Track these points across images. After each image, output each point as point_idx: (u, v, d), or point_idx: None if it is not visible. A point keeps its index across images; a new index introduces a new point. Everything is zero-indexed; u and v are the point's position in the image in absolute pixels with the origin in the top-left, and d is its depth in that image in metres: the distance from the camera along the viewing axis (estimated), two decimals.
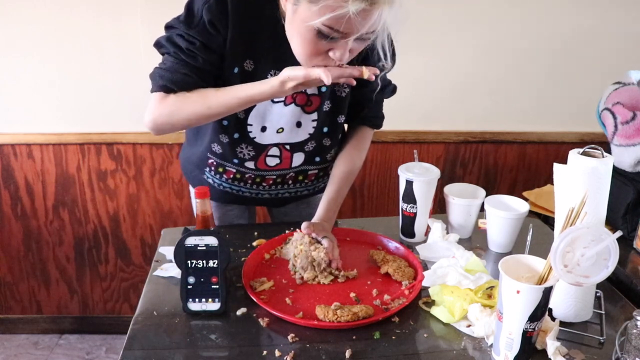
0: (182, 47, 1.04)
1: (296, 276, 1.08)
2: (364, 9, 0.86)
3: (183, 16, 1.05)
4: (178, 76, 1.04)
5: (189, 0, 1.05)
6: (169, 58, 1.06)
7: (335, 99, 1.19)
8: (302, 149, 1.23)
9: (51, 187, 2.00)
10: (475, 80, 1.93)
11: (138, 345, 0.89)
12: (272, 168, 1.25)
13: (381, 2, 0.87)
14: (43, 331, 2.24)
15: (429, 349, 0.90)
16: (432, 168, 1.24)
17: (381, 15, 0.89)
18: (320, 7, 0.86)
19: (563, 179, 0.91)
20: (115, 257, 2.13)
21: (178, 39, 1.05)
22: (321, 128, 1.21)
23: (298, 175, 1.30)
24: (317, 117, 1.19)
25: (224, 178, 1.29)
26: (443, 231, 1.20)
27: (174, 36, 1.05)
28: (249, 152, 1.21)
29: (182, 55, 1.04)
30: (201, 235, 0.95)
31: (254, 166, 1.24)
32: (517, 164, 2.06)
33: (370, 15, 0.88)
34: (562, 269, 0.78)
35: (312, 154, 1.26)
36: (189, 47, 1.03)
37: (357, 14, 0.85)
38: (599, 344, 0.91)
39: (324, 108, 1.19)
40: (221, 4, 1.00)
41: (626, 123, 1.29)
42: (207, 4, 1.00)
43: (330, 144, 1.27)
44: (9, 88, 1.86)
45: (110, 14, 1.77)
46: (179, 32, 1.04)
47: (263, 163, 1.23)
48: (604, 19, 1.86)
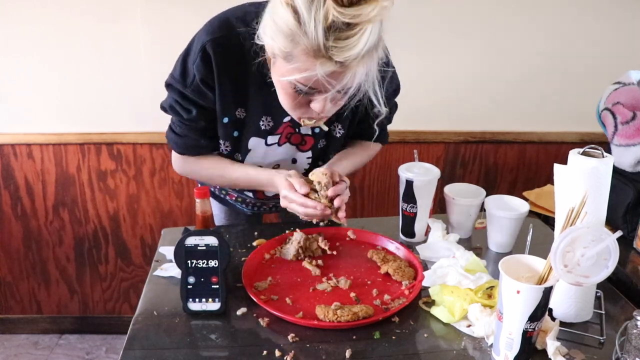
0: (183, 116, 1.10)
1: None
2: (334, 71, 0.86)
3: (178, 73, 1.08)
4: (189, 141, 1.15)
5: (183, 56, 1.08)
6: (177, 122, 1.14)
7: (330, 138, 1.22)
8: None
9: (51, 187, 2.00)
10: (476, 80, 1.93)
11: (138, 345, 0.89)
12: (271, 198, 1.31)
13: (353, 65, 0.86)
14: (43, 331, 2.24)
15: (429, 349, 0.90)
16: (432, 168, 1.24)
17: (355, 75, 0.88)
18: (292, 67, 0.88)
19: (563, 179, 0.91)
20: (115, 257, 2.13)
21: (177, 106, 1.10)
22: (316, 162, 1.26)
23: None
24: (312, 154, 1.23)
25: (227, 198, 1.36)
26: (443, 231, 1.20)
27: (174, 103, 1.10)
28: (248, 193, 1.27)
29: (186, 122, 1.11)
30: (201, 235, 0.95)
31: (252, 195, 1.29)
32: (517, 164, 2.06)
33: (342, 75, 0.88)
34: (562, 269, 0.78)
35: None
36: (189, 116, 1.10)
37: (327, 74, 0.86)
38: (599, 344, 0.91)
39: (318, 146, 1.22)
40: (206, 61, 1.03)
41: (626, 123, 1.29)
42: (195, 64, 1.04)
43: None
44: (9, 88, 1.86)
45: (110, 14, 1.77)
46: (176, 96, 1.09)
47: (262, 194, 1.29)
48: (604, 19, 1.86)
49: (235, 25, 1.02)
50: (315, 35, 0.82)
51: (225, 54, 1.03)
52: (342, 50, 0.83)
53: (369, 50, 0.85)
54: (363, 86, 0.94)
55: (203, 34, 1.04)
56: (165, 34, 1.80)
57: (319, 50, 0.83)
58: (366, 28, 0.83)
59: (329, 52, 0.83)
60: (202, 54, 1.02)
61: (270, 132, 1.15)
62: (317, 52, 0.83)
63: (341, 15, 0.80)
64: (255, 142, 1.16)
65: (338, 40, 0.82)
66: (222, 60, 1.03)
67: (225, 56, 1.03)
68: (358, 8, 0.81)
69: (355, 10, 0.81)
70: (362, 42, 0.83)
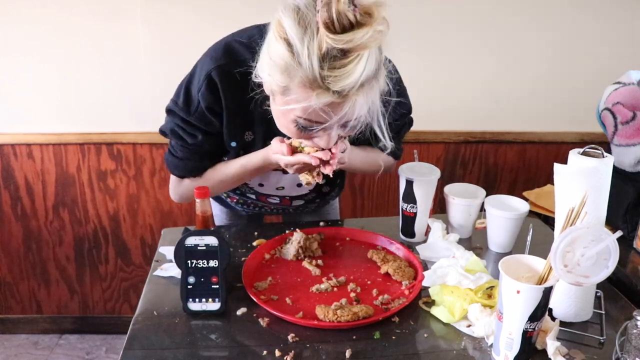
0: (187, 141, 1.09)
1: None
2: (333, 101, 0.84)
3: (182, 101, 1.06)
4: (191, 164, 1.13)
5: (186, 83, 1.07)
6: (178, 147, 1.11)
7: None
8: (302, 197, 1.29)
9: (51, 187, 2.00)
10: (476, 80, 1.93)
11: (138, 345, 0.89)
12: (273, 204, 1.31)
13: (351, 94, 0.83)
14: (43, 331, 2.24)
15: (429, 349, 0.90)
16: (432, 168, 1.24)
17: (355, 105, 0.86)
18: (290, 99, 0.86)
19: (563, 179, 0.91)
20: (115, 257, 2.13)
21: (181, 131, 1.08)
22: (321, 185, 1.26)
23: (298, 207, 1.36)
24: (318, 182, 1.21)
25: (228, 200, 1.36)
26: (443, 231, 1.20)
27: (176, 128, 1.09)
28: (250, 195, 1.27)
29: (189, 146, 1.10)
30: (201, 235, 0.95)
31: (255, 197, 1.29)
32: (517, 164, 2.06)
33: (341, 106, 0.85)
34: (562, 269, 0.78)
35: (312, 199, 1.32)
36: (194, 140, 1.08)
37: (326, 105, 0.84)
38: (599, 344, 0.91)
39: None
40: (212, 88, 1.02)
41: (626, 123, 1.29)
42: (200, 91, 1.02)
43: (330, 189, 1.31)
44: (9, 88, 1.86)
45: (110, 14, 1.77)
46: (179, 122, 1.07)
47: (265, 199, 1.30)
48: (604, 20, 1.86)
49: (239, 52, 1.02)
50: (310, 65, 0.80)
51: (231, 80, 1.01)
52: (338, 79, 0.81)
53: (367, 79, 0.83)
54: (366, 118, 0.91)
55: (207, 61, 1.03)
56: (165, 34, 1.80)
57: (315, 81, 0.81)
58: (362, 54, 0.80)
59: (325, 81, 0.81)
60: (208, 82, 1.01)
61: None
62: (313, 82, 0.82)
63: (334, 42, 0.79)
64: None
65: (333, 69, 0.80)
66: (228, 87, 1.02)
67: (231, 83, 1.02)
68: (351, 33, 0.79)
69: (349, 36, 0.79)
70: (359, 70, 0.81)
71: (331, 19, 0.78)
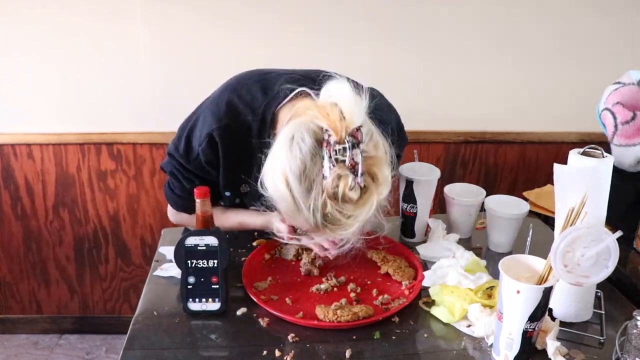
0: (184, 184, 1.12)
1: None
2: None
3: (182, 149, 1.09)
4: (187, 203, 1.15)
5: (187, 131, 1.09)
6: (176, 186, 1.15)
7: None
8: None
9: (51, 187, 2.00)
10: (476, 80, 1.92)
11: (138, 345, 0.89)
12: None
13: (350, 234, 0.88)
14: (43, 331, 2.24)
15: (429, 349, 0.90)
16: (432, 168, 1.24)
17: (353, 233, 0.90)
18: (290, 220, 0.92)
19: (563, 179, 0.91)
20: (115, 257, 2.13)
21: (179, 174, 1.11)
22: None
23: None
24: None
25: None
26: (443, 231, 1.20)
27: (175, 171, 1.12)
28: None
29: (186, 189, 1.13)
30: (201, 235, 0.95)
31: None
32: (517, 164, 2.06)
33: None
34: (562, 269, 0.78)
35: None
36: (190, 185, 1.11)
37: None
38: (599, 344, 0.91)
39: None
40: (212, 146, 1.05)
41: (626, 123, 1.29)
42: (201, 147, 1.05)
43: None
44: (9, 88, 1.86)
45: (110, 14, 1.77)
46: (178, 167, 1.10)
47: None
48: (604, 19, 1.86)
49: (242, 113, 1.03)
50: (313, 219, 0.84)
51: (231, 141, 1.04)
52: (337, 230, 0.86)
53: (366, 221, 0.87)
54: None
55: (210, 118, 1.04)
56: (165, 34, 1.80)
57: (317, 228, 0.86)
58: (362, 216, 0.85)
59: (326, 230, 0.86)
60: (209, 140, 1.04)
61: None
62: (315, 228, 0.86)
63: (339, 213, 0.83)
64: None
65: (334, 225, 0.85)
66: (228, 147, 1.05)
67: (231, 143, 1.04)
68: (355, 207, 0.83)
69: (352, 209, 0.83)
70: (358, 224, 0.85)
71: (336, 196, 0.82)
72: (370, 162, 0.84)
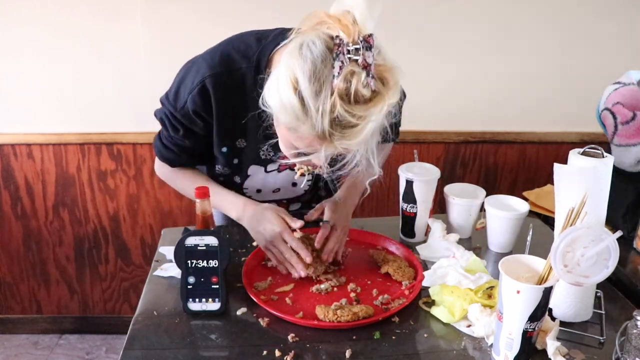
0: (170, 131, 1.10)
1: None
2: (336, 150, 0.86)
3: (172, 95, 1.07)
4: (170, 154, 1.15)
5: (179, 79, 1.07)
6: (165, 133, 1.14)
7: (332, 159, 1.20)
8: (298, 200, 1.29)
9: (51, 187, 2.00)
10: (476, 80, 1.92)
11: (138, 345, 0.89)
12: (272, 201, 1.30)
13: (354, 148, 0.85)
14: (43, 331, 2.24)
15: (429, 349, 0.90)
16: (432, 168, 1.24)
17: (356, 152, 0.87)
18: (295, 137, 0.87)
19: (563, 179, 0.91)
20: (115, 257, 2.13)
21: (166, 120, 1.10)
22: (317, 183, 1.26)
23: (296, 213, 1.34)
24: (312, 177, 1.23)
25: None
26: (443, 231, 1.20)
27: (164, 117, 1.10)
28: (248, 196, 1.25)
29: (172, 138, 1.12)
30: (201, 235, 0.95)
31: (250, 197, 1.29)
32: (517, 164, 2.06)
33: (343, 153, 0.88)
34: (562, 269, 0.78)
35: (309, 201, 1.31)
36: (175, 133, 1.10)
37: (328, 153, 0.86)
38: (599, 344, 0.91)
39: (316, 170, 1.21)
40: (204, 95, 1.02)
41: (626, 123, 1.29)
42: (190, 95, 1.03)
43: (326, 193, 1.31)
44: (9, 88, 1.86)
45: (110, 14, 1.77)
46: (167, 112, 1.09)
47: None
48: (604, 19, 1.86)
49: (236, 61, 1.01)
50: (320, 123, 0.80)
51: (225, 90, 1.02)
52: (345, 139, 0.82)
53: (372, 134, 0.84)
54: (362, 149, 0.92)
55: (204, 65, 1.02)
56: (165, 34, 1.80)
57: (322, 135, 0.82)
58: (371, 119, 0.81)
59: (332, 138, 0.82)
60: (201, 88, 1.01)
61: (270, 160, 1.15)
62: (321, 135, 0.82)
63: (348, 114, 0.79)
64: (255, 169, 1.17)
65: (342, 130, 0.81)
66: (222, 96, 1.03)
67: (224, 92, 1.02)
68: (366, 108, 0.79)
69: (363, 110, 0.79)
70: (367, 131, 0.82)
71: (348, 93, 0.78)
72: (381, 68, 0.81)
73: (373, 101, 0.80)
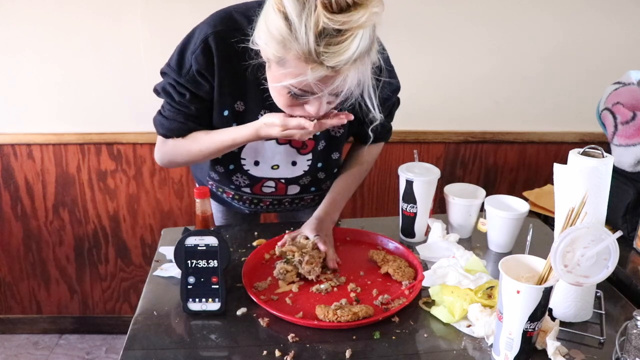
0: (175, 98, 1.10)
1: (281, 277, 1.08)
2: (326, 75, 0.87)
3: (174, 62, 1.08)
4: (175, 124, 1.13)
5: (181, 46, 1.09)
6: (167, 106, 1.13)
7: (330, 138, 1.23)
8: (297, 182, 1.27)
9: (51, 187, 2.00)
10: (476, 80, 1.92)
11: (138, 345, 0.89)
12: (269, 194, 1.29)
13: (344, 69, 0.87)
14: (43, 331, 2.24)
15: (429, 349, 0.90)
16: (432, 168, 1.24)
17: (346, 79, 0.90)
18: (285, 72, 0.89)
19: (563, 179, 0.91)
20: (115, 257, 2.13)
21: (171, 89, 1.10)
22: (316, 164, 1.25)
23: (294, 199, 1.34)
24: (312, 156, 1.23)
25: (224, 196, 1.34)
26: (443, 231, 1.20)
27: (167, 86, 1.11)
28: (244, 180, 1.25)
29: (176, 105, 1.11)
30: (201, 235, 0.95)
31: (250, 191, 1.28)
32: (517, 164, 2.06)
33: (333, 79, 0.89)
34: (562, 269, 0.78)
35: (308, 186, 1.30)
36: (181, 99, 1.10)
37: (319, 79, 0.88)
38: (599, 344, 0.91)
39: (318, 147, 1.22)
40: (207, 53, 1.04)
41: (626, 123, 1.29)
42: (194, 54, 1.04)
43: (325, 176, 1.30)
44: (9, 88, 1.86)
45: (110, 14, 1.77)
46: (171, 81, 1.09)
47: (259, 190, 1.28)
48: (604, 19, 1.86)
49: (238, 20, 1.04)
50: (307, 41, 0.83)
51: (226, 48, 1.03)
52: (333, 56, 0.84)
53: (360, 55, 0.87)
54: (357, 89, 0.95)
55: (205, 26, 1.05)
56: (166, 34, 1.80)
57: (310, 56, 0.85)
58: (357, 34, 0.84)
59: (320, 57, 0.85)
60: (204, 46, 1.03)
61: None
62: (309, 57, 0.85)
63: (331, 22, 0.82)
64: None
65: (329, 45, 0.84)
66: (223, 53, 1.04)
67: (226, 50, 1.04)
68: (348, 15, 0.82)
69: (346, 16, 0.82)
70: (353, 47, 0.84)
71: (330, 2, 0.81)
72: None
73: (356, 8, 0.83)
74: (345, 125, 1.20)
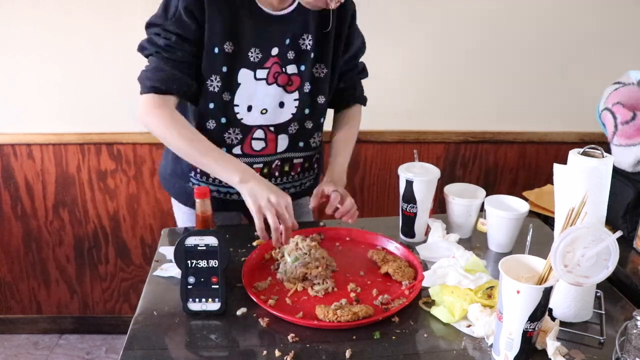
0: (160, 44, 1.11)
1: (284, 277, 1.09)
2: None
3: (159, 10, 1.12)
4: (162, 74, 1.12)
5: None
6: (152, 58, 1.14)
7: (315, 80, 1.25)
8: (285, 130, 1.27)
9: (51, 187, 2.00)
10: (476, 80, 1.93)
11: (138, 345, 0.89)
12: (259, 153, 1.27)
13: None
14: (43, 331, 2.24)
15: (429, 349, 0.90)
16: (432, 168, 1.24)
17: None
18: None
19: (563, 179, 0.91)
20: (115, 257, 2.13)
21: (156, 37, 1.11)
22: (303, 109, 1.26)
23: (284, 164, 1.32)
24: (299, 96, 1.24)
25: (210, 180, 1.30)
26: (443, 231, 1.20)
27: (153, 36, 1.12)
28: (237, 136, 1.24)
29: (162, 53, 1.11)
30: (201, 235, 0.95)
31: (240, 151, 1.25)
32: (517, 164, 2.06)
33: None
34: (562, 269, 0.78)
35: (296, 138, 1.30)
36: (167, 42, 1.10)
37: None
38: (599, 344, 0.91)
39: (304, 89, 1.24)
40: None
41: (626, 123, 1.29)
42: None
43: (312, 126, 1.31)
44: (9, 88, 1.86)
45: (110, 14, 1.77)
46: (157, 29, 1.11)
47: (249, 147, 1.26)
48: (604, 19, 1.86)
49: None
50: None
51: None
52: None
53: None
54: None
55: None
56: None
57: None
58: None
59: None
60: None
61: (259, 64, 1.17)
62: None
63: None
64: (245, 75, 1.17)
65: None
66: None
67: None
68: None
69: None
70: None
71: None
72: None
73: None
74: (327, 63, 1.24)
